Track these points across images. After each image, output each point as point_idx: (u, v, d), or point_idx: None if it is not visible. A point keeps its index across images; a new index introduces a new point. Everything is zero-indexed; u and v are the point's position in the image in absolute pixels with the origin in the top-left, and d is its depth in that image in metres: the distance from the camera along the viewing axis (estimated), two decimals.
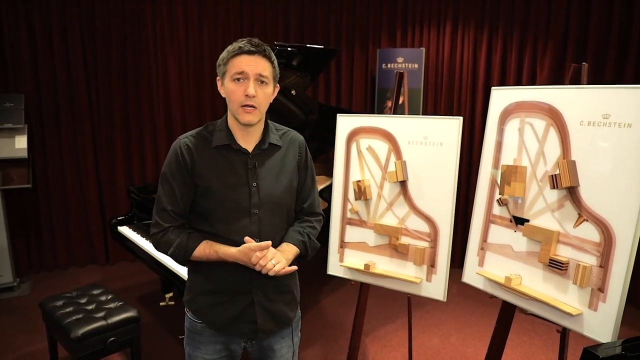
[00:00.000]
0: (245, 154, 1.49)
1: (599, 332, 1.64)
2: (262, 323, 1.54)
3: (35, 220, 4.31)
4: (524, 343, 3.23)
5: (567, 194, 1.76)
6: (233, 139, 1.49)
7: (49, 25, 4.08)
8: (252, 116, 1.43)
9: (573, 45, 3.83)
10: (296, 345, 1.69)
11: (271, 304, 1.56)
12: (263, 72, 1.41)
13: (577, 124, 1.74)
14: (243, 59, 1.40)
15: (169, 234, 1.49)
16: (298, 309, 1.69)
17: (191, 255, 1.47)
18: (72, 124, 4.31)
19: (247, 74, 1.40)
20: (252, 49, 1.40)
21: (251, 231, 1.47)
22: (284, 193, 1.55)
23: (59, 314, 2.51)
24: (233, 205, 1.46)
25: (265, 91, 1.44)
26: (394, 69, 4.53)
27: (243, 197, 1.47)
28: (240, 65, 1.40)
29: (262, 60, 1.41)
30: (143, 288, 4.04)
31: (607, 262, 1.63)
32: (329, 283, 4.13)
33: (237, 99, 1.41)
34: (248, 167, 1.49)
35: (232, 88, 1.42)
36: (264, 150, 1.52)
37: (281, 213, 1.56)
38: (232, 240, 1.46)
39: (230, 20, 4.77)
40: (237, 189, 1.47)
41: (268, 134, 1.53)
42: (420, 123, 2.20)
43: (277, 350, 1.62)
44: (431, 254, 2.18)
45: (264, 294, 1.54)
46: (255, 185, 1.48)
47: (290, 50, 3.23)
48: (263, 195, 1.49)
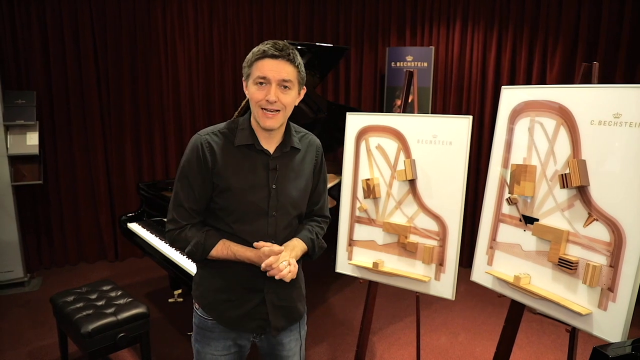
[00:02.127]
0: (267, 155, 1.48)
1: (609, 331, 1.64)
2: (274, 320, 1.55)
3: (45, 217, 4.36)
4: (533, 343, 3.21)
5: (577, 193, 1.75)
6: (257, 140, 1.47)
7: (60, 22, 4.12)
8: (274, 121, 1.41)
9: (583, 44, 3.80)
10: (303, 338, 1.70)
11: (282, 301, 1.56)
12: (286, 77, 1.39)
13: (588, 123, 1.73)
14: (266, 63, 1.38)
15: (186, 231, 1.48)
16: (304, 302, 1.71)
17: (209, 254, 1.47)
18: (83, 120, 4.35)
19: (269, 79, 1.38)
20: (275, 53, 1.37)
21: (267, 233, 1.47)
22: (301, 196, 1.55)
23: (69, 309, 2.54)
24: (251, 206, 1.46)
25: (289, 96, 1.42)
26: (403, 68, 4.52)
27: (262, 199, 1.46)
28: (263, 70, 1.38)
29: (286, 65, 1.39)
30: (152, 284, 4.08)
31: (617, 261, 1.62)
32: (337, 281, 4.14)
33: (258, 102, 1.40)
34: (269, 169, 1.48)
35: (254, 91, 1.41)
36: (285, 152, 1.51)
37: (296, 215, 1.56)
38: (248, 241, 1.46)
39: (239, 18, 4.79)
40: (257, 190, 1.46)
41: (290, 137, 1.52)
42: (429, 122, 2.20)
43: (286, 344, 1.64)
44: (440, 252, 2.18)
45: (275, 292, 1.54)
46: (274, 187, 1.47)
47: (299, 48, 3.22)
48: (281, 198, 1.49)
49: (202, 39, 4.69)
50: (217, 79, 4.81)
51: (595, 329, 1.68)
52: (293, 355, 1.67)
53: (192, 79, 4.71)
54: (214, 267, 1.53)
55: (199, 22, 4.65)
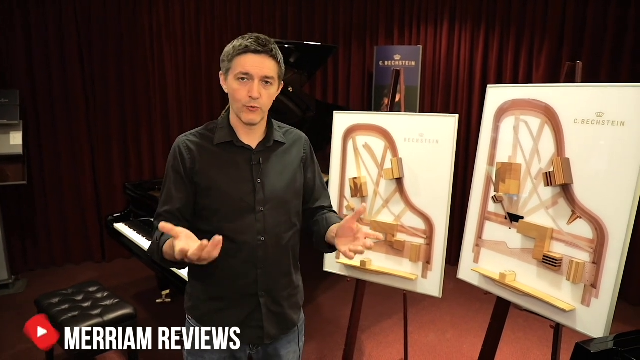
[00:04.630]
0: (249, 150, 1.46)
1: (592, 327, 1.66)
2: (268, 327, 1.49)
3: (30, 217, 4.30)
4: (519, 339, 3.25)
5: (561, 191, 1.77)
6: (235, 136, 1.45)
7: (44, 20, 4.06)
8: (255, 115, 1.40)
9: (569, 44, 3.84)
10: (301, 350, 1.65)
11: (277, 307, 1.51)
12: (269, 73, 1.37)
13: (572, 122, 1.75)
14: (249, 58, 1.35)
15: (155, 232, 1.42)
16: (302, 311, 1.66)
17: (162, 252, 1.35)
18: (68, 119, 4.29)
19: (252, 75, 1.36)
20: (258, 49, 1.35)
21: (256, 229, 1.43)
22: (288, 190, 1.51)
23: (54, 311, 2.52)
24: (237, 202, 1.42)
25: (270, 91, 1.41)
26: (391, 67, 4.54)
27: (247, 194, 1.43)
28: (245, 66, 1.35)
29: (268, 61, 1.37)
30: (139, 285, 4.04)
31: (600, 258, 1.64)
32: (326, 280, 4.14)
33: (241, 98, 1.38)
34: (252, 164, 1.45)
35: (236, 87, 1.38)
36: (268, 147, 1.49)
37: (287, 212, 1.51)
38: (236, 240, 1.42)
39: (227, 16, 4.76)
40: (241, 186, 1.43)
41: (272, 132, 1.50)
42: (416, 120, 2.21)
43: (284, 356, 1.58)
44: (427, 250, 2.19)
45: (270, 296, 1.49)
46: (259, 182, 1.44)
47: (287, 47, 3.23)
48: (268, 192, 1.45)
49: (189, 38, 4.65)
50: (205, 77, 4.78)
51: (578, 324, 1.70)
52: None
53: (179, 77, 4.68)
54: (203, 274, 1.47)
55: (185, 21, 4.61)
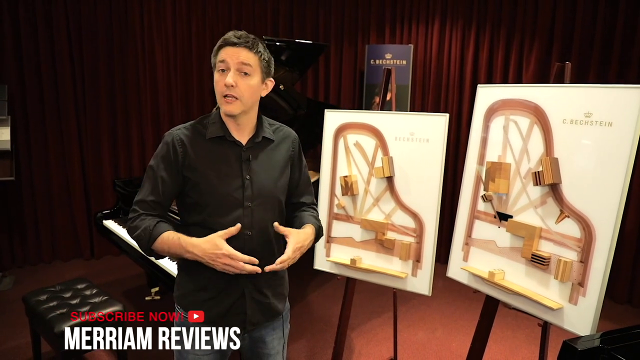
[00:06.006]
0: (239, 146, 1.49)
1: (579, 325, 1.68)
2: (251, 315, 1.54)
3: (18, 214, 4.25)
4: (508, 337, 3.28)
5: (550, 190, 1.79)
6: (227, 131, 1.49)
7: (33, 14, 4.01)
8: (233, 107, 1.42)
9: (559, 45, 3.87)
10: (286, 336, 1.70)
11: (262, 296, 1.55)
12: (245, 60, 1.40)
13: (560, 122, 1.77)
14: (226, 49, 1.40)
15: (140, 218, 1.45)
16: (287, 300, 1.70)
17: (155, 241, 1.41)
18: (58, 116, 4.25)
19: (228, 63, 1.40)
20: (234, 41, 1.40)
21: (243, 224, 1.45)
22: (276, 187, 1.55)
23: (42, 308, 2.49)
24: (226, 197, 1.46)
25: (249, 83, 1.43)
26: (382, 65, 4.54)
27: (236, 189, 1.47)
28: (222, 56, 1.41)
29: (244, 51, 1.40)
30: (129, 282, 4.02)
31: (587, 257, 1.66)
32: (316, 278, 4.15)
33: (219, 89, 1.42)
34: (242, 160, 1.49)
35: (216, 79, 1.43)
36: (257, 143, 1.52)
37: (273, 207, 1.55)
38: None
39: (218, 14, 4.73)
40: (230, 181, 1.46)
41: (262, 128, 1.54)
42: (407, 119, 2.22)
43: (269, 342, 1.63)
44: (417, 249, 2.20)
45: (255, 286, 1.53)
46: (248, 178, 1.48)
47: (278, 45, 3.22)
48: (256, 189, 1.49)
49: (180, 35, 4.62)
50: (196, 75, 4.75)
51: (566, 322, 1.72)
52: (276, 354, 1.65)
53: (170, 74, 4.65)
54: (191, 266, 1.49)
55: (177, 18, 4.58)
